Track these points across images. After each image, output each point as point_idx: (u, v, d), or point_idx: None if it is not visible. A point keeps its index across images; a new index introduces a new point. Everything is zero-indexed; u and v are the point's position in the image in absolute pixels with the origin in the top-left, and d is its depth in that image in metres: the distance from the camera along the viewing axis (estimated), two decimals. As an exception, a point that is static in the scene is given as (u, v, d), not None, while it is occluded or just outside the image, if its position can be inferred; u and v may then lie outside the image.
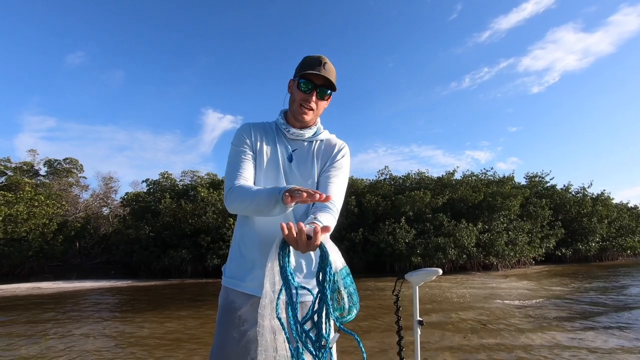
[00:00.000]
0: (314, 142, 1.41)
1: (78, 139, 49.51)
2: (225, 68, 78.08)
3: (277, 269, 0.96)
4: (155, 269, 17.74)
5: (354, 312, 0.93)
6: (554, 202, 24.39)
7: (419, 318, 1.95)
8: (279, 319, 0.93)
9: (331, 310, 0.89)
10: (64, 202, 21.79)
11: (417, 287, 1.96)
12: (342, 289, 0.92)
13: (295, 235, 0.92)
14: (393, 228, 17.93)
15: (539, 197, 24.19)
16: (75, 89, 58.44)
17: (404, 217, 18.47)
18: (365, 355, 0.90)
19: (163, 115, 67.58)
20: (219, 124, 66.10)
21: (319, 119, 1.44)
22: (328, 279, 0.90)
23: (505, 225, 19.98)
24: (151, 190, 21.56)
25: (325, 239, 0.94)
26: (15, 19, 51.78)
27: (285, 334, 0.94)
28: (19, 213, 16.63)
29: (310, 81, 1.30)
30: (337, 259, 0.93)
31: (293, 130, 1.37)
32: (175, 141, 62.24)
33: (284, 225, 0.92)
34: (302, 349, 0.93)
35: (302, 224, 0.92)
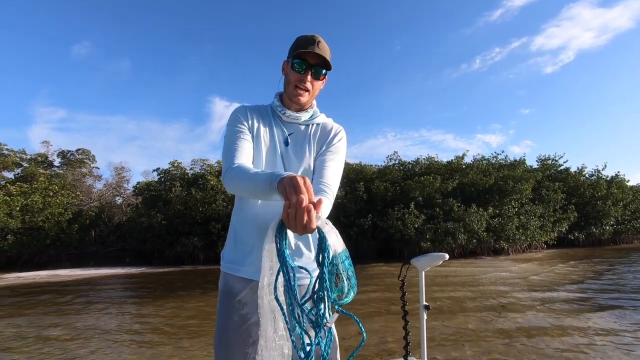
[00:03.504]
0: (310, 125, 1.39)
1: (89, 130, 50.28)
2: (231, 55, 77.71)
3: (274, 251, 0.95)
4: (168, 256, 18.14)
5: (352, 294, 0.93)
6: (567, 185, 23.93)
7: (425, 303, 1.95)
8: (277, 300, 0.93)
9: (329, 292, 0.90)
10: (78, 192, 22.30)
11: (423, 272, 1.94)
12: (341, 271, 0.92)
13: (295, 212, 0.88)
14: (402, 214, 17.88)
15: (552, 180, 23.74)
16: (83, 80, 59.03)
17: (413, 203, 18.37)
18: (365, 334, 0.91)
19: (170, 104, 68.02)
20: (226, 112, 66.05)
21: (315, 102, 1.41)
22: (326, 262, 0.91)
23: (516, 209, 19.73)
24: (162, 179, 21.87)
25: (322, 222, 0.92)
26: (20, 10, 52.00)
27: (283, 314, 0.94)
28: (34, 203, 17.10)
29: (304, 61, 1.26)
30: (335, 242, 0.92)
31: (289, 112, 1.34)
32: (183, 130, 62.75)
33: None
34: (302, 330, 0.92)
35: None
